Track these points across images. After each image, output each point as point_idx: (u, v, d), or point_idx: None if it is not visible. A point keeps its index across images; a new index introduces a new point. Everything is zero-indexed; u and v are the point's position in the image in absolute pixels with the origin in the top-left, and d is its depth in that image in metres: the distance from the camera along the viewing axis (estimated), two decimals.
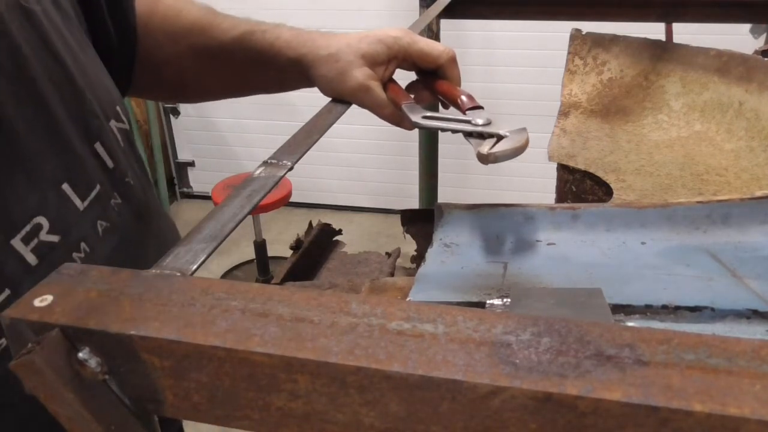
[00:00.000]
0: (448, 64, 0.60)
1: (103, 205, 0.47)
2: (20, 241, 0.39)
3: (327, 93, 0.61)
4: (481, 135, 0.51)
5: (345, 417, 0.24)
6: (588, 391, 0.20)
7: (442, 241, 0.54)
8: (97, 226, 0.46)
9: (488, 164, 0.49)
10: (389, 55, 0.59)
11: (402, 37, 0.59)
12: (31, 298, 0.26)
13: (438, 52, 0.59)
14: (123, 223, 0.50)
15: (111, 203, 0.48)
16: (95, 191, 0.46)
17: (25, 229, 0.40)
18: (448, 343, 0.23)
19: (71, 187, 0.44)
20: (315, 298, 0.26)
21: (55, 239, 0.42)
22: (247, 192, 0.39)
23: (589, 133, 0.95)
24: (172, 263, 0.31)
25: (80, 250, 0.44)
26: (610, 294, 0.43)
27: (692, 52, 1.00)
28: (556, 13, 1.17)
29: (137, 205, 0.53)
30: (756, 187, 0.74)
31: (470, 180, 3.09)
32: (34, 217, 0.41)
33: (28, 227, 0.40)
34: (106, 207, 0.48)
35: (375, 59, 0.59)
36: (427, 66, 0.61)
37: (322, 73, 0.59)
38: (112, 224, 0.48)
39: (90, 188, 0.46)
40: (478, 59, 2.79)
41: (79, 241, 0.44)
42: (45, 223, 0.41)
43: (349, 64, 0.58)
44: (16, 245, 0.39)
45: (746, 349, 0.21)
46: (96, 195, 0.46)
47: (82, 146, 0.46)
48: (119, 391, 0.26)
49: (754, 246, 0.50)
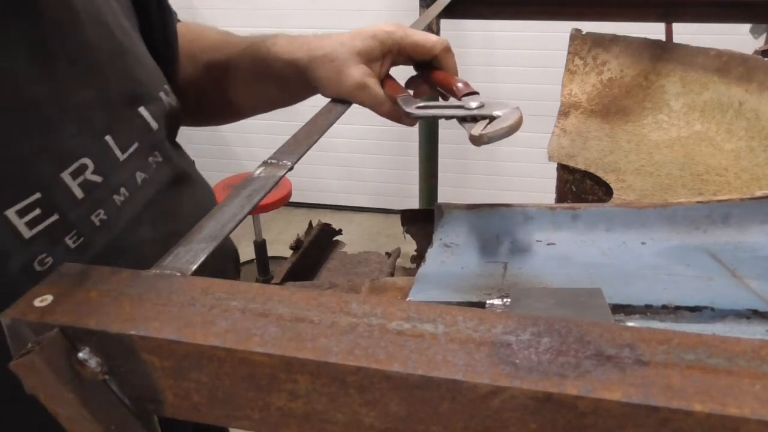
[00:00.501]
0: (443, 53, 0.60)
1: (142, 160, 0.52)
2: (69, 175, 0.45)
3: (326, 93, 0.61)
4: (474, 119, 0.51)
5: (345, 417, 0.24)
6: (588, 391, 0.20)
7: (442, 241, 0.54)
8: (136, 177, 0.52)
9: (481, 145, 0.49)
10: (383, 51, 0.59)
11: (395, 31, 0.59)
12: (31, 298, 0.26)
13: (432, 42, 0.59)
14: (160, 179, 0.55)
15: (149, 160, 0.54)
16: (134, 147, 0.51)
17: (73, 166, 0.45)
18: (448, 343, 0.23)
19: (113, 139, 0.49)
20: (315, 298, 0.26)
21: (99, 180, 0.47)
22: (247, 192, 0.39)
23: (589, 133, 0.96)
24: (172, 263, 0.31)
25: (120, 193, 0.49)
26: (610, 294, 0.43)
27: (692, 52, 1.00)
28: (556, 13, 1.17)
29: (176, 167, 0.58)
30: (756, 187, 0.74)
31: (470, 180, 3.09)
32: (81, 157, 0.46)
33: (76, 165, 0.46)
34: (145, 163, 0.53)
35: (370, 55, 0.59)
36: (422, 57, 0.61)
37: (320, 74, 0.60)
38: (150, 177, 0.53)
39: (129, 144, 0.51)
40: (478, 59, 2.79)
41: (119, 186, 0.49)
42: (90, 164, 0.47)
43: (344, 63, 0.58)
44: (65, 178, 0.45)
45: (746, 349, 0.21)
46: (135, 150, 0.51)
47: (127, 106, 0.52)
48: (119, 391, 0.26)
49: (754, 246, 0.50)
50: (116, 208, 0.49)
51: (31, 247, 0.42)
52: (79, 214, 0.45)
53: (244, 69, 0.67)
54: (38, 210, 0.42)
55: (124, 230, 0.49)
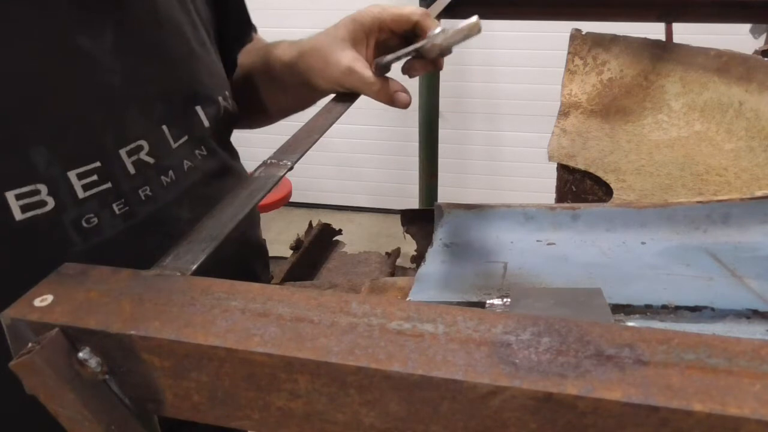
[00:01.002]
0: (422, 18, 0.60)
1: (190, 151, 0.59)
2: (125, 153, 0.51)
3: (319, 84, 0.62)
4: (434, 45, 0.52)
5: (345, 417, 0.24)
6: (588, 391, 0.20)
7: (442, 241, 0.54)
8: (184, 164, 0.58)
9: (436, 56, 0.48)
10: (365, 31, 0.60)
11: (371, 9, 0.61)
12: (32, 297, 0.26)
13: (409, 10, 0.60)
14: (204, 169, 0.60)
15: (196, 152, 0.60)
16: (184, 139, 0.58)
17: (131, 145, 0.52)
18: (448, 343, 0.23)
19: (168, 129, 0.56)
20: (315, 298, 0.26)
21: (151, 161, 0.54)
22: (247, 192, 0.39)
23: (589, 133, 0.96)
24: (172, 263, 0.31)
25: (168, 176, 0.56)
26: (610, 294, 0.43)
27: (692, 52, 1.00)
28: (556, 13, 1.17)
29: (220, 161, 0.63)
30: (756, 187, 0.74)
31: (470, 180, 3.09)
32: (139, 139, 0.52)
33: (134, 145, 0.52)
34: (192, 153, 0.59)
35: (354, 39, 0.60)
36: (403, 27, 0.61)
37: (309, 66, 0.62)
38: (195, 166, 0.59)
39: (181, 135, 0.57)
40: (478, 59, 2.79)
41: (168, 169, 0.56)
42: (146, 146, 0.53)
43: (330, 51, 0.60)
44: (122, 154, 0.51)
45: (746, 349, 0.21)
46: (185, 141, 0.58)
47: (185, 104, 0.58)
48: (119, 391, 0.26)
49: (754, 246, 0.50)
50: (162, 187, 0.55)
51: (84, 207, 0.48)
52: (130, 187, 0.52)
53: (257, 73, 0.72)
54: (95, 176, 0.49)
55: (165, 207, 0.55)
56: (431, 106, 1.55)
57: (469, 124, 2.96)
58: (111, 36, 0.50)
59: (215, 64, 0.65)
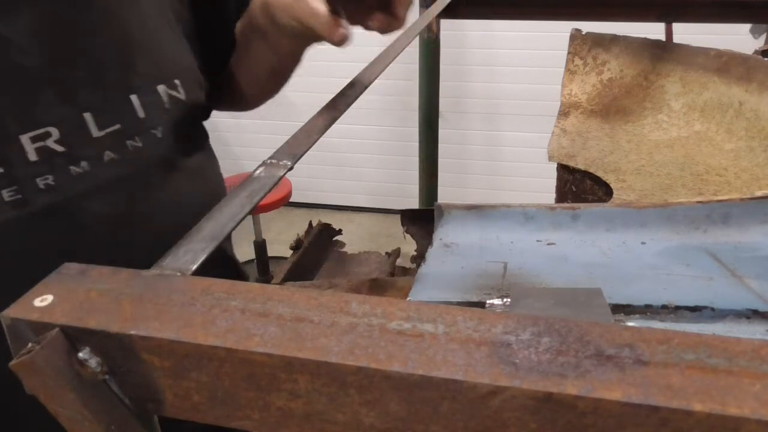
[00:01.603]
0: None
1: (118, 142, 0.56)
2: (28, 138, 0.49)
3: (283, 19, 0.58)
4: None
5: (345, 417, 0.24)
6: (588, 391, 0.20)
7: (442, 241, 0.54)
8: (104, 155, 0.54)
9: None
10: None
11: None
12: (32, 297, 0.26)
13: None
14: (136, 163, 0.57)
15: (128, 143, 0.57)
16: (114, 128, 0.55)
17: (37, 131, 0.50)
18: (448, 343, 0.23)
19: (93, 117, 0.53)
20: (315, 298, 0.26)
21: (60, 149, 0.51)
22: (247, 192, 0.39)
23: (589, 133, 0.96)
24: (172, 263, 0.31)
25: (80, 166, 0.53)
26: (610, 294, 0.43)
27: (692, 52, 1.01)
28: (556, 13, 1.17)
29: (163, 155, 0.60)
30: (756, 187, 0.74)
31: (470, 180, 3.09)
32: (47, 126, 0.50)
33: (41, 130, 0.50)
34: (122, 144, 0.56)
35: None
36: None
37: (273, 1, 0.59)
38: (122, 159, 0.56)
39: (109, 125, 0.55)
40: (478, 59, 2.79)
41: (81, 159, 0.53)
42: (55, 133, 0.51)
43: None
44: (22, 139, 0.49)
45: (746, 349, 0.21)
46: (115, 131, 0.55)
47: (117, 91, 0.55)
48: (119, 391, 0.26)
49: (754, 246, 0.50)
50: (70, 177, 0.52)
51: None
52: (26, 174, 0.49)
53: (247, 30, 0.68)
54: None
55: (72, 198, 0.52)
56: (431, 106, 1.55)
57: (469, 124, 2.97)
58: (27, 16, 0.49)
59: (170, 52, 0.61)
